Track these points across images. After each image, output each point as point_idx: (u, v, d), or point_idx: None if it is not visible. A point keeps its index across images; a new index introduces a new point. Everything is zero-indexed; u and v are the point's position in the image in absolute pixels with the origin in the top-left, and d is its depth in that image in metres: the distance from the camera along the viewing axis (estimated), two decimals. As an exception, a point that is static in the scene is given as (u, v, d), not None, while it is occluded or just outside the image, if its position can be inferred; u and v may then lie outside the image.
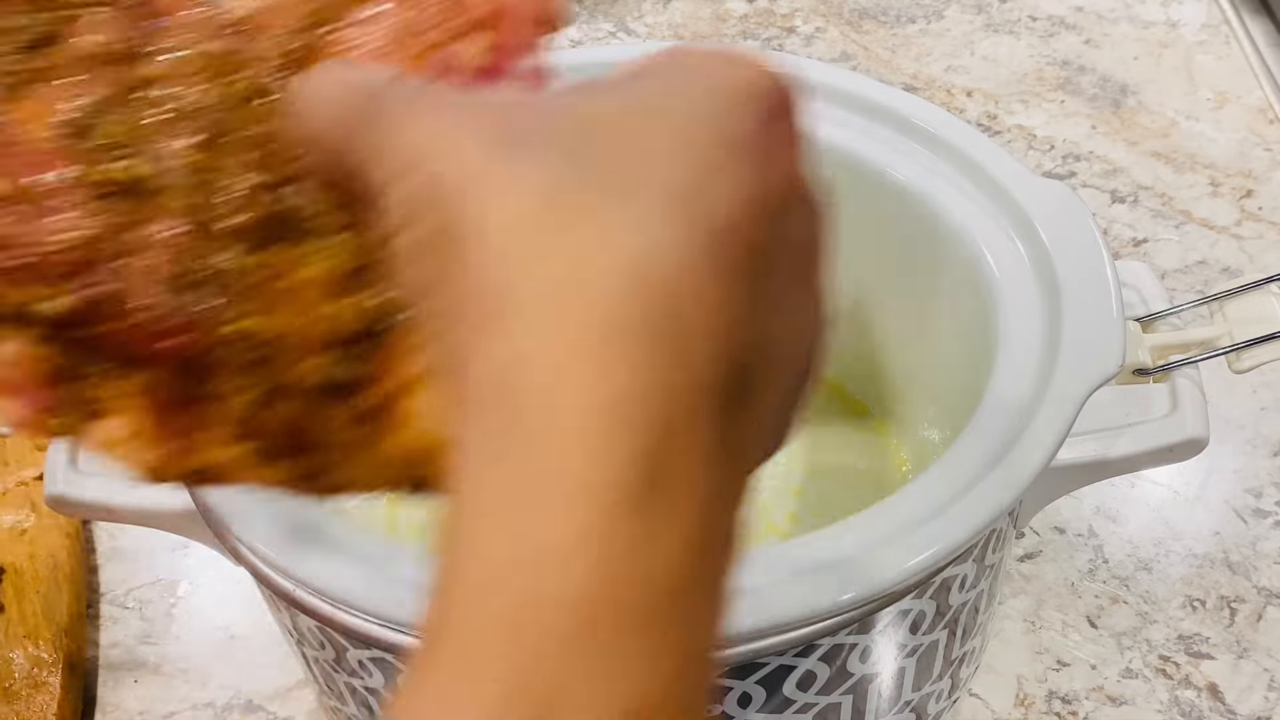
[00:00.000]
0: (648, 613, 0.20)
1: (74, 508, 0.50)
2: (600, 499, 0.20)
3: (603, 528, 0.20)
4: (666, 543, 0.20)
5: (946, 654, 0.50)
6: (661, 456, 0.20)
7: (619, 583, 0.20)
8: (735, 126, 0.24)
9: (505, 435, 0.21)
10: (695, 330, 0.21)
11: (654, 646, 0.20)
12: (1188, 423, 0.48)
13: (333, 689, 0.50)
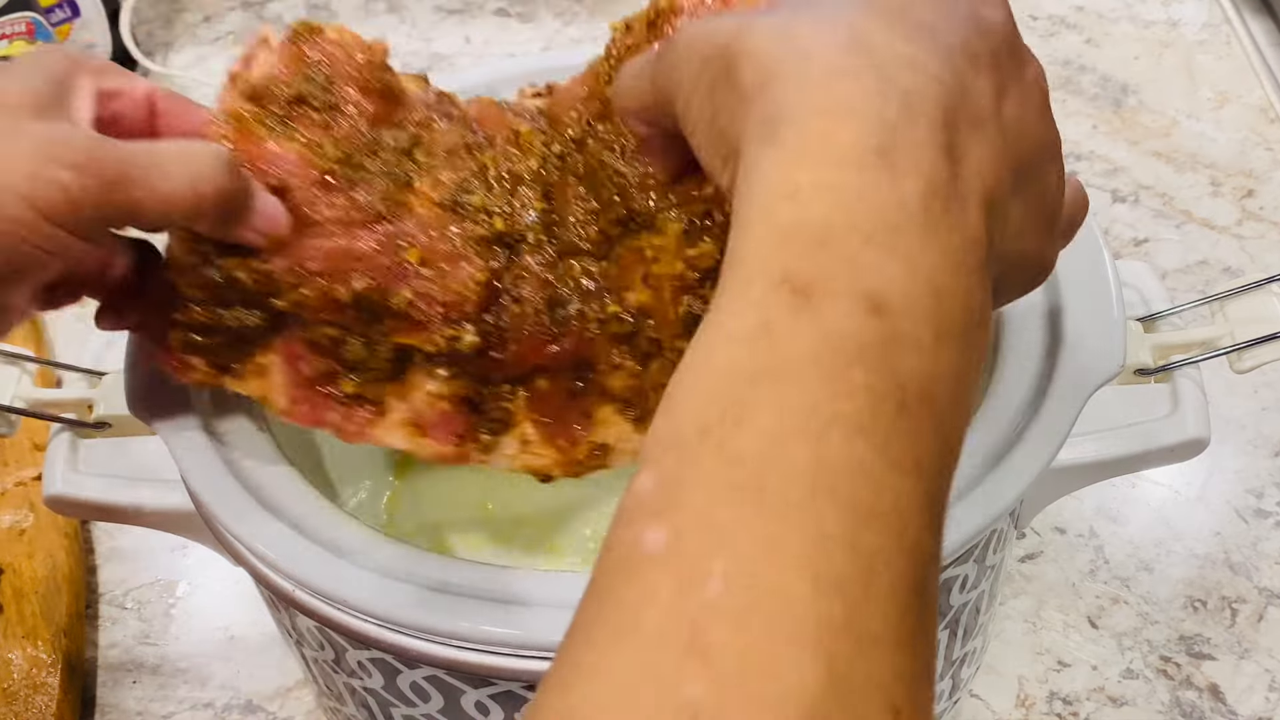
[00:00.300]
0: (885, 231, 0.25)
1: (73, 508, 0.50)
2: (842, 159, 0.26)
3: (841, 177, 0.26)
4: (891, 190, 0.26)
5: (947, 654, 0.50)
6: (894, 133, 0.26)
7: (856, 210, 0.25)
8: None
9: (774, 124, 0.27)
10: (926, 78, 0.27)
11: (886, 258, 0.25)
12: (1189, 423, 0.48)
13: (332, 689, 0.50)
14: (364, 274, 0.41)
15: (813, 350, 0.24)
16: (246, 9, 0.99)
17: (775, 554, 0.22)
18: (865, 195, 0.25)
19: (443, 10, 0.98)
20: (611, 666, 0.22)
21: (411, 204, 0.42)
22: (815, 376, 0.24)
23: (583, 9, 0.97)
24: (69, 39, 0.89)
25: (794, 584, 0.22)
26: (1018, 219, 0.29)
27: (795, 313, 0.25)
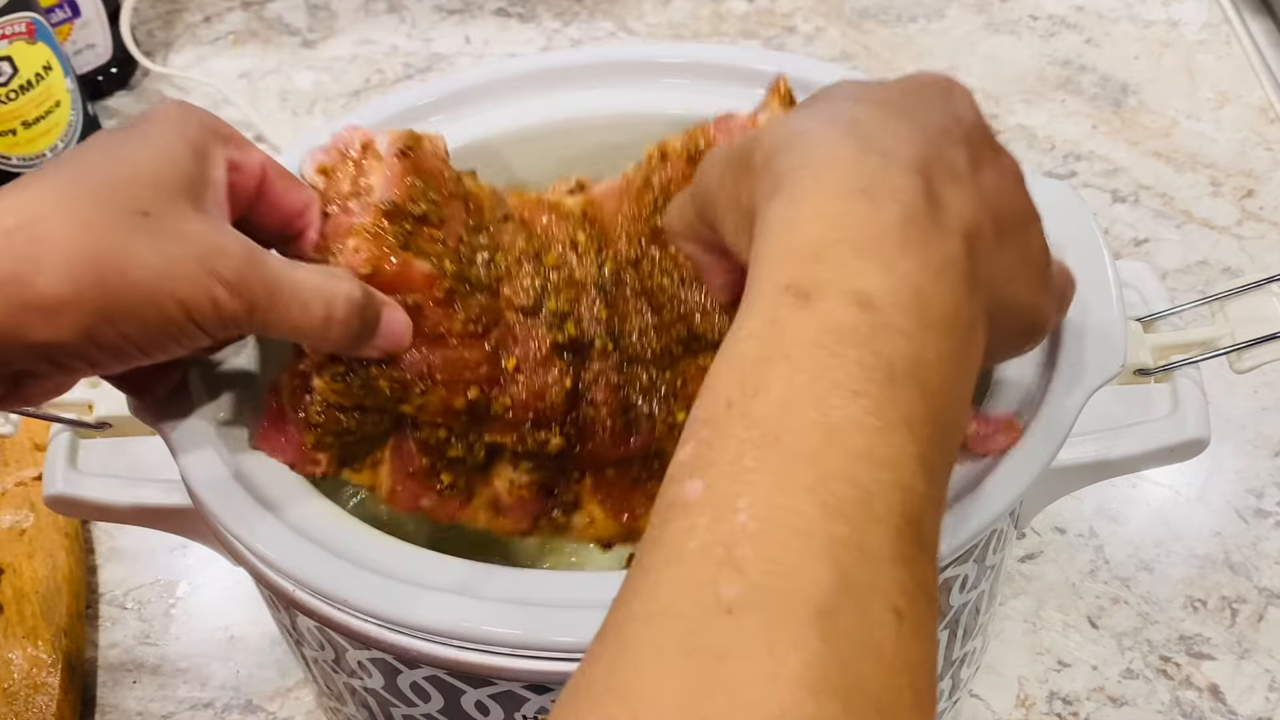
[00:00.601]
0: (869, 245, 0.30)
1: (73, 508, 0.50)
2: (831, 195, 0.31)
3: (831, 207, 0.31)
4: (873, 214, 0.30)
5: (947, 654, 0.50)
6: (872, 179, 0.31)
7: (844, 230, 0.30)
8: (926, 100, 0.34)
9: (777, 182, 0.32)
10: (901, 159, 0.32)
11: (872, 265, 0.30)
12: (1189, 423, 0.48)
13: (332, 689, 0.50)
14: (476, 383, 0.46)
15: (813, 336, 0.29)
16: (246, 9, 0.99)
17: (789, 489, 0.27)
18: (851, 219, 0.31)
19: (443, 10, 0.98)
20: (660, 581, 0.27)
21: (503, 311, 0.47)
22: (816, 355, 0.29)
23: (583, 9, 0.97)
24: (69, 39, 0.89)
25: (805, 509, 0.27)
26: (1006, 266, 0.33)
27: (797, 310, 0.29)
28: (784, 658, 0.25)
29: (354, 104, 0.91)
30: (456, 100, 0.57)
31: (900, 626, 0.26)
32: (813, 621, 0.25)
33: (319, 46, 0.96)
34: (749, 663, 0.25)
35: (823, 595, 0.26)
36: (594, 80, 0.58)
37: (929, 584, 0.28)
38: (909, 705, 0.26)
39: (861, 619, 0.26)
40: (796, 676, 0.25)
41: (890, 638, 0.26)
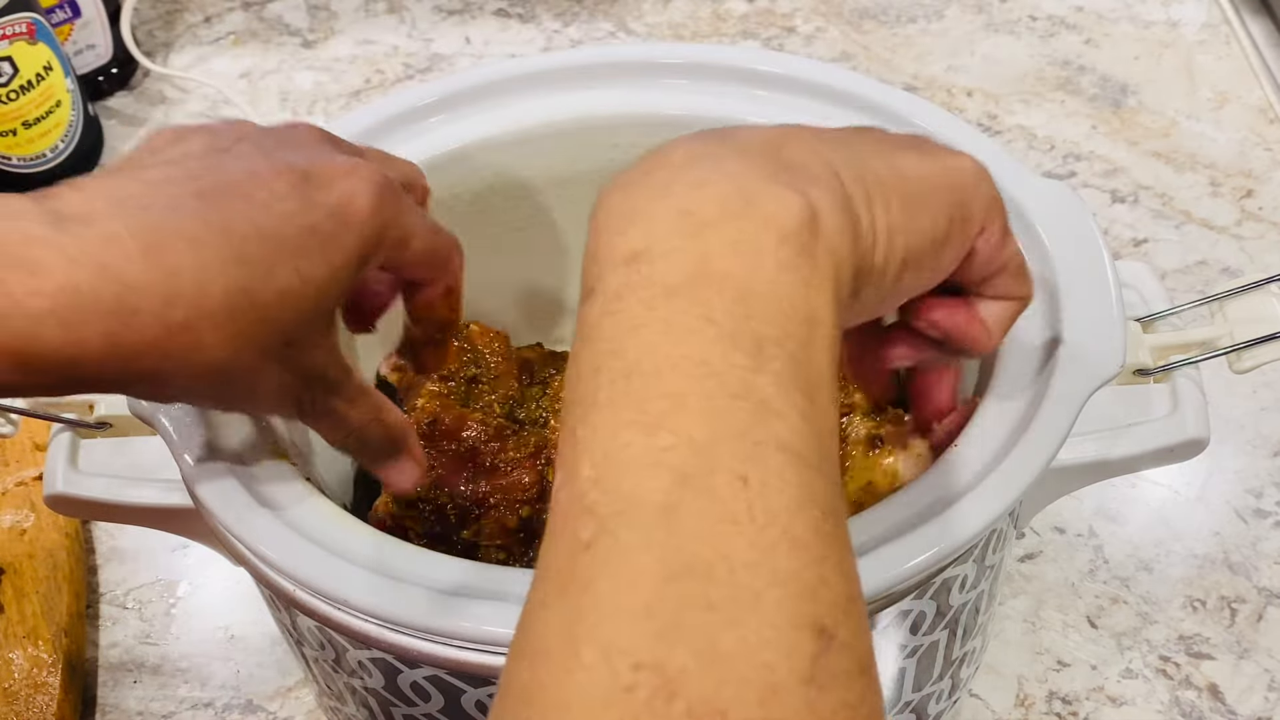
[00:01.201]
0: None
1: (74, 507, 0.50)
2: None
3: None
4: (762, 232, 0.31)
5: (947, 654, 0.50)
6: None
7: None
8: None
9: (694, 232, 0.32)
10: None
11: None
12: (1188, 423, 0.48)
13: (332, 689, 0.50)
14: (527, 502, 0.52)
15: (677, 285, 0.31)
16: (247, 9, 0.99)
17: (615, 431, 0.29)
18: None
19: (443, 10, 0.98)
20: (541, 556, 0.28)
21: (549, 438, 0.54)
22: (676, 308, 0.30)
23: (583, 9, 0.97)
24: (69, 39, 0.89)
25: (632, 440, 0.28)
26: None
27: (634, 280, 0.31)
28: (637, 562, 0.26)
29: (354, 104, 0.91)
30: (456, 100, 0.57)
31: (749, 490, 0.27)
32: (658, 523, 0.27)
33: (319, 47, 0.96)
34: (610, 579, 0.26)
35: (662, 497, 0.27)
36: (594, 80, 0.58)
37: (782, 435, 0.28)
38: (785, 553, 0.27)
39: (708, 501, 0.27)
40: (652, 571, 0.26)
41: (742, 502, 0.27)
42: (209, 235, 0.36)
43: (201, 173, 0.38)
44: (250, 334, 0.37)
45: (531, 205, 0.60)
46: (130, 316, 0.35)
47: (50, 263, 0.34)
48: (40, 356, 0.35)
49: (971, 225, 0.37)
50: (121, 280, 0.35)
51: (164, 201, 0.36)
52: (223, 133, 0.40)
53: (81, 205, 0.36)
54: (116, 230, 0.35)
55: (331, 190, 0.39)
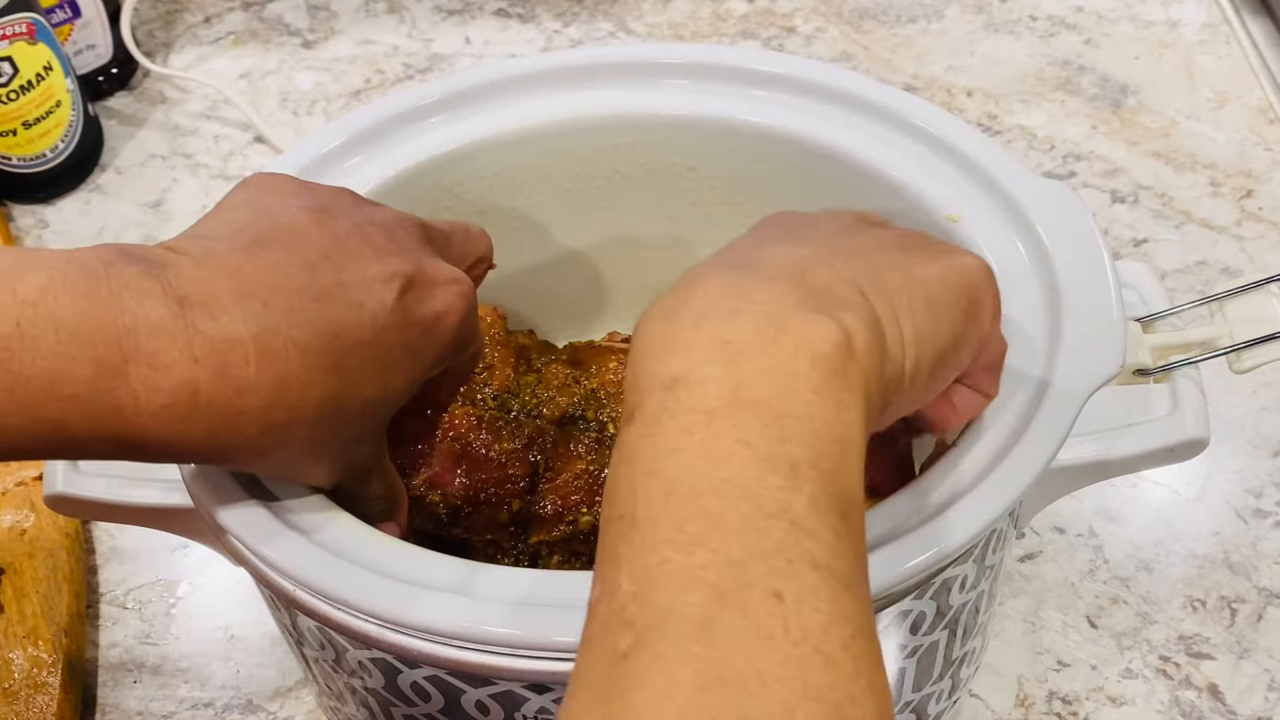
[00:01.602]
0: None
1: (74, 507, 0.50)
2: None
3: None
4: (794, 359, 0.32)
5: (947, 654, 0.50)
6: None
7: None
8: None
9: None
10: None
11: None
12: (1188, 423, 0.48)
13: (332, 689, 0.50)
14: (518, 495, 0.52)
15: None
16: (247, 9, 0.99)
17: (653, 547, 0.29)
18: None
19: (443, 10, 0.98)
20: (577, 664, 0.29)
21: (544, 429, 0.53)
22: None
23: (583, 9, 0.97)
24: (69, 39, 0.89)
25: (669, 556, 0.29)
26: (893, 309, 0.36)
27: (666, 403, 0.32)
28: (673, 673, 0.27)
29: (354, 104, 0.91)
30: (456, 100, 0.57)
31: (784, 605, 0.28)
32: (696, 637, 0.27)
33: (319, 47, 0.96)
34: (647, 689, 0.27)
35: (698, 612, 0.27)
36: (594, 80, 0.58)
37: (816, 553, 0.29)
38: (817, 668, 0.27)
39: (743, 616, 0.27)
40: (688, 683, 0.27)
41: (777, 618, 0.27)
42: (318, 344, 0.38)
43: (317, 262, 0.39)
44: (329, 435, 0.40)
45: (531, 205, 0.60)
46: (236, 416, 0.37)
47: (173, 357, 0.35)
48: (145, 443, 0.36)
49: (984, 323, 0.39)
50: (236, 384, 0.36)
51: (281, 300, 0.37)
52: (333, 208, 0.41)
53: (205, 290, 0.37)
54: (238, 331, 0.36)
55: (430, 303, 0.41)
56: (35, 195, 0.86)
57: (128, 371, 0.35)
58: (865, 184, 0.54)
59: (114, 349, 0.35)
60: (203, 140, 0.90)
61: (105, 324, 0.35)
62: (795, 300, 0.33)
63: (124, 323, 0.35)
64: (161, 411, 0.36)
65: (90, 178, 0.88)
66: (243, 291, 0.37)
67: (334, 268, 0.39)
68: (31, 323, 0.34)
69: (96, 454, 0.37)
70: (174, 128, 0.91)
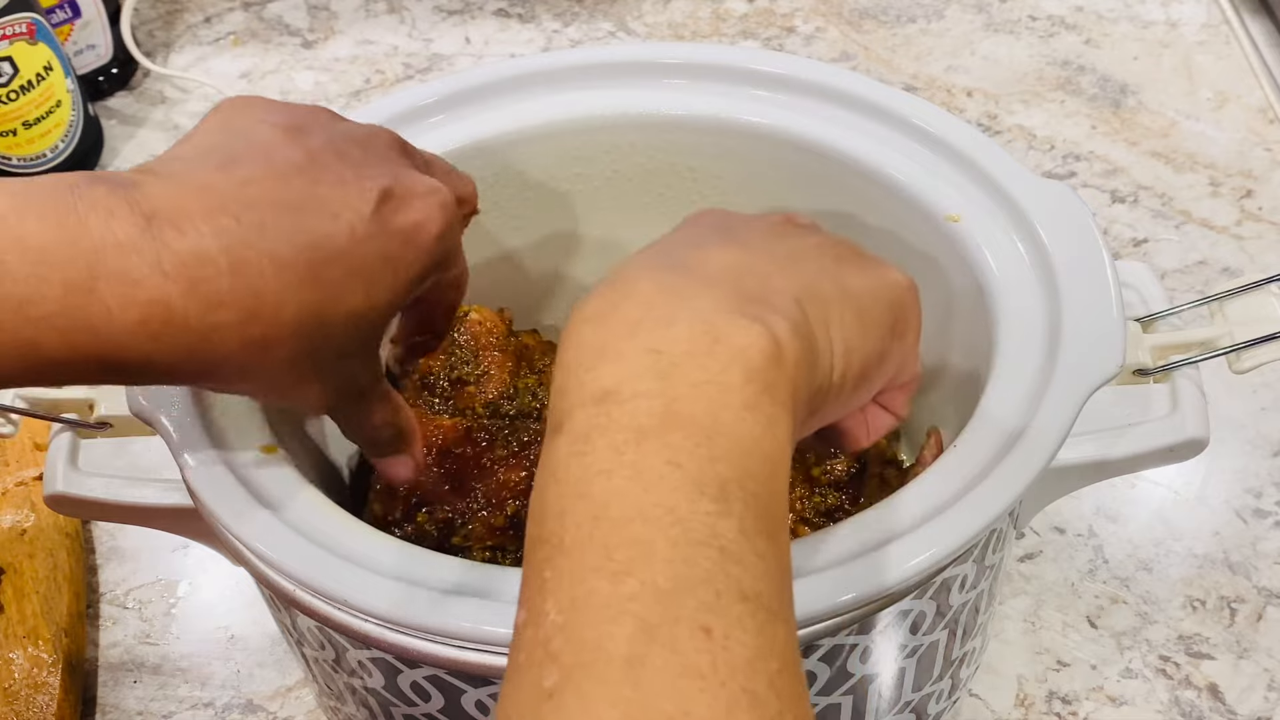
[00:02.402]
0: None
1: (74, 507, 0.50)
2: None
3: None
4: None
5: (947, 654, 0.50)
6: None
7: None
8: None
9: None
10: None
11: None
12: (1188, 423, 0.48)
13: (332, 689, 0.50)
14: (515, 498, 0.52)
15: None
16: (247, 9, 0.99)
17: (581, 577, 0.29)
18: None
19: (443, 10, 0.98)
20: (501, 699, 0.29)
21: (542, 429, 0.51)
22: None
23: (583, 9, 0.97)
24: (69, 39, 0.89)
25: (597, 586, 0.29)
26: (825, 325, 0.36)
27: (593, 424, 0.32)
28: (600, 715, 0.26)
29: (354, 104, 0.91)
30: (456, 100, 0.57)
31: (712, 641, 0.27)
32: (623, 677, 0.27)
33: (319, 47, 0.96)
34: None
35: (626, 648, 0.27)
36: (594, 80, 0.58)
37: (744, 582, 0.29)
38: (745, 709, 0.27)
39: (671, 653, 0.27)
40: None
41: (705, 655, 0.27)
42: (293, 256, 0.37)
43: (290, 176, 0.38)
44: (312, 349, 0.39)
45: (531, 204, 0.60)
46: (211, 332, 0.36)
47: (143, 273, 0.35)
48: (125, 361, 0.36)
49: (907, 341, 0.39)
50: (209, 299, 0.36)
51: (253, 214, 0.37)
52: (308, 125, 0.41)
53: (173, 207, 0.36)
54: (208, 246, 0.36)
55: (408, 213, 0.40)
56: (35, 195, 0.86)
57: (98, 289, 0.35)
58: (865, 184, 0.54)
59: (82, 268, 0.35)
60: (203, 140, 0.90)
61: (72, 243, 0.35)
62: (731, 307, 0.33)
63: (91, 241, 0.35)
64: (136, 328, 0.35)
65: (90, 178, 0.88)
66: (213, 206, 0.36)
67: (308, 181, 0.39)
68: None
69: (79, 376, 0.37)
70: (174, 128, 0.91)
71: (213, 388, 0.43)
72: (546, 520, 0.30)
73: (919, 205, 0.53)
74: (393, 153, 0.42)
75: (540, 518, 0.31)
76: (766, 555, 0.30)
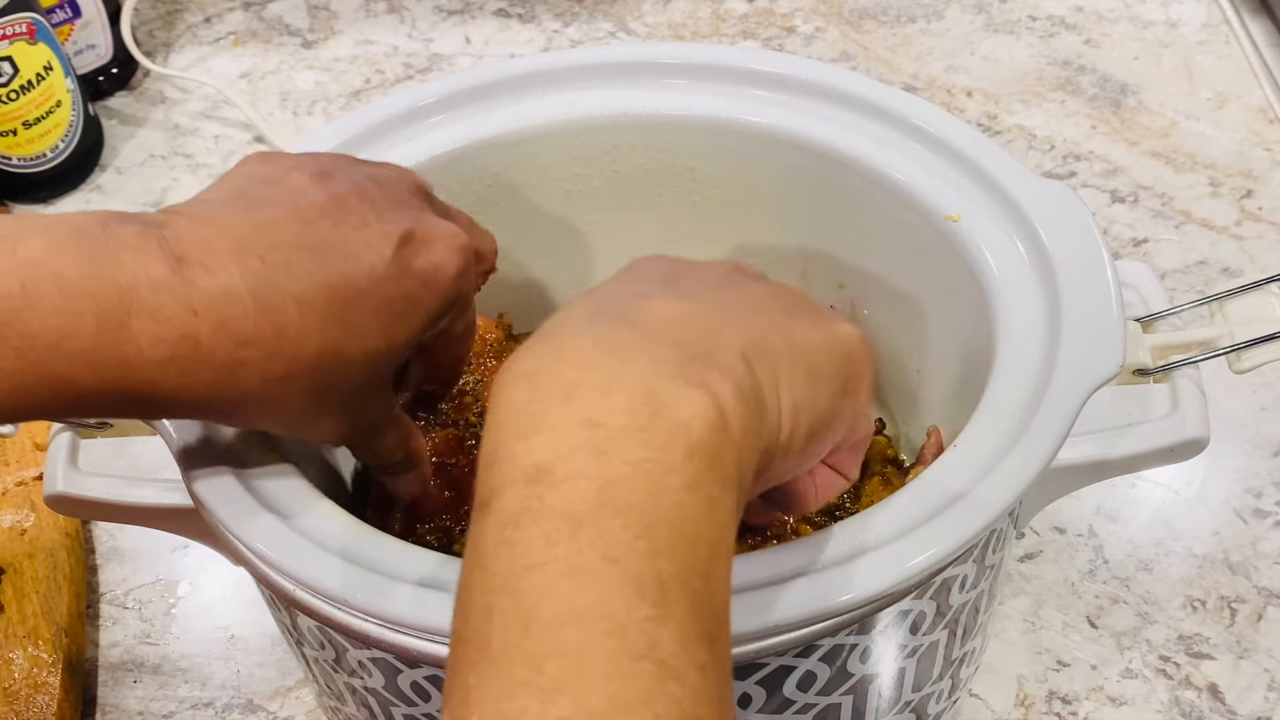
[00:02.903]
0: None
1: (74, 507, 0.50)
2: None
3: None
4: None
5: (947, 654, 0.50)
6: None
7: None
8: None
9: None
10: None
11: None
12: (1188, 423, 0.48)
13: (332, 689, 0.50)
14: None
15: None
16: (247, 9, 0.99)
17: (508, 692, 0.27)
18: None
19: (443, 10, 0.98)
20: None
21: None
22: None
23: (583, 9, 0.97)
24: (69, 39, 0.89)
25: (527, 705, 0.27)
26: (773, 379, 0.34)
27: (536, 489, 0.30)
28: None
29: (354, 104, 0.91)
30: (456, 100, 0.57)
31: None
32: None
33: (319, 47, 0.96)
34: None
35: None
36: (594, 80, 0.58)
37: (684, 704, 0.27)
38: None
39: None
40: None
41: None
42: (316, 297, 0.38)
43: (314, 218, 0.39)
44: (330, 386, 0.40)
45: (531, 205, 0.60)
46: (238, 368, 0.37)
47: (174, 311, 0.36)
48: (153, 396, 0.37)
49: (859, 397, 0.37)
50: (236, 336, 0.37)
51: (278, 255, 0.38)
52: (331, 170, 0.42)
53: (202, 248, 0.37)
54: (235, 286, 0.37)
55: (428, 255, 0.41)
56: (35, 195, 0.86)
57: (130, 325, 0.36)
58: (865, 184, 0.54)
59: (116, 304, 0.36)
60: (203, 140, 0.90)
61: (106, 280, 0.36)
62: (673, 370, 0.31)
63: (124, 279, 0.36)
64: (166, 363, 0.36)
65: (90, 178, 0.88)
66: (239, 248, 0.37)
67: (331, 223, 0.39)
68: (35, 282, 0.35)
69: (106, 410, 0.38)
70: (174, 128, 0.91)
71: (234, 423, 0.43)
72: (472, 615, 0.29)
73: (919, 205, 0.53)
74: (415, 198, 0.43)
75: (465, 611, 0.29)
76: (707, 667, 0.28)
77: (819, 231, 0.58)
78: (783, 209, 0.58)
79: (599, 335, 0.32)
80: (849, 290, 0.60)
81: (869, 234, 0.56)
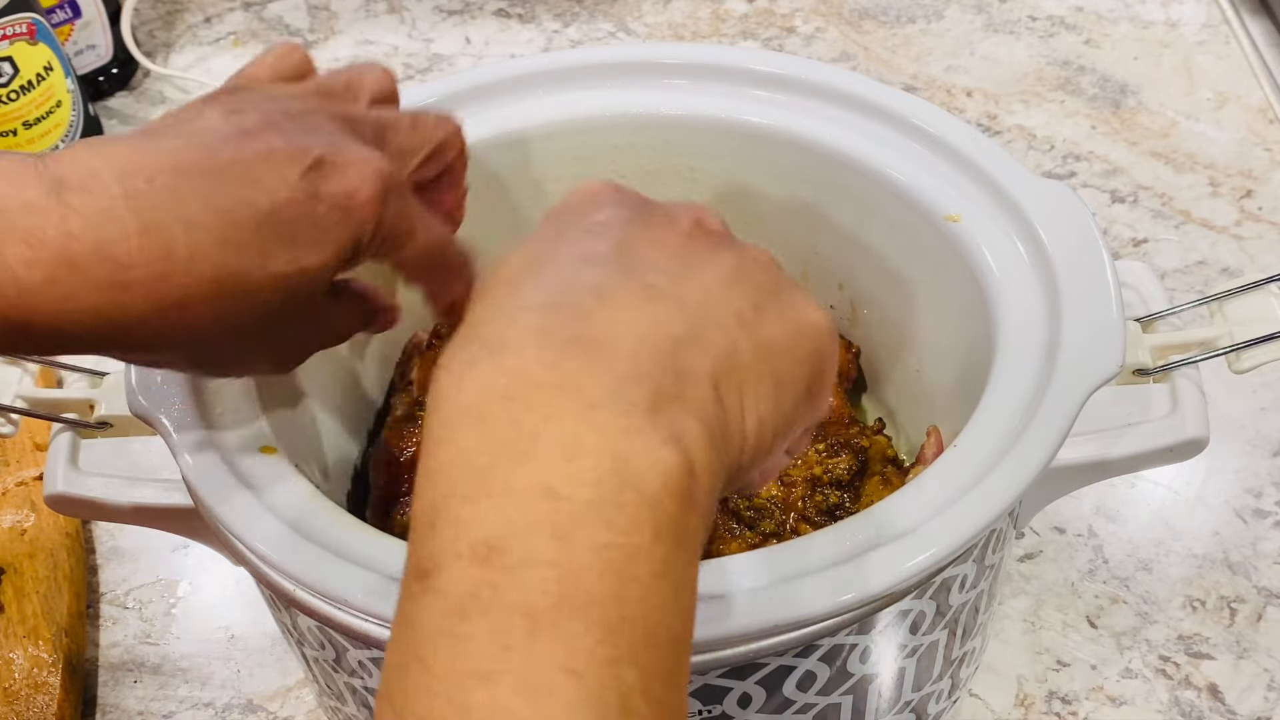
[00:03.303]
0: None
1: (74, 507, 0.50)
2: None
3: None
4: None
5: (946, 654, 0.50)
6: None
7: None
8: None
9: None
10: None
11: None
12: (1188, 423, 0.48)
13: (332, 689, 0.50)
14: None
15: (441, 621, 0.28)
16: (247, 9, 0.99)
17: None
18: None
19: (443, 11, 0.98)
20: None
21: None
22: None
23: (583, 9, 0.97)
24: (70, 39, 0.89)
25: None
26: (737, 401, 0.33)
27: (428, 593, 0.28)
28: None
29: (354, 104, 0.91)
30: (456, 100, 0.57)
31: None
32: None
33: (319, 47, 0.96)
34: None
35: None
36: (594, 80, 0.58)
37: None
38: None
39: None
40: None
41: None
42: (207, 218, 0.37)
43: (217, 147, 0.38)
44: (238, 311, 0.38)
45: (531, 205, 0.60)
46: (121, 292, 0.36)
47: (47, 234, 0.35)
48: (34, 323, 0.36)
49: (822, 395, 0.36)
50: (117, 259, 0.35)
51: (169, 179, 0.37)
52: (247, 104, 0.41)
53: (84, 172, 0.36)
54: (115, 206, 0.36)
55: (340, 181, 0.39)
56: (35, 195, 0.86)
57: (3, 250, 0.35)
58: (865, 184, 0.54)
59: None
60: (203, 140, 0.90)
61: None
62: (641, 421, 0.28)
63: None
64: (44, 288, 0.35)
65: (90, 178, 0.88)
66: (125, 172, 0.36)
67: (233, 149, 0.38)
68: None
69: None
70: (174, 128, 0.91)
71: (142, 359, 0.42)
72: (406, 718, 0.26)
73: (919, 205, 0.53)
74: (331, 124, 0.41)
75: (399, 711, 0.26)
76: None
77: (819, 232, 0.58)
78: (782, 209, 0.58)
79: (559, 369, 0.29)
80: (849, 290, 0.60)
81: (869, 234, 0.56)
